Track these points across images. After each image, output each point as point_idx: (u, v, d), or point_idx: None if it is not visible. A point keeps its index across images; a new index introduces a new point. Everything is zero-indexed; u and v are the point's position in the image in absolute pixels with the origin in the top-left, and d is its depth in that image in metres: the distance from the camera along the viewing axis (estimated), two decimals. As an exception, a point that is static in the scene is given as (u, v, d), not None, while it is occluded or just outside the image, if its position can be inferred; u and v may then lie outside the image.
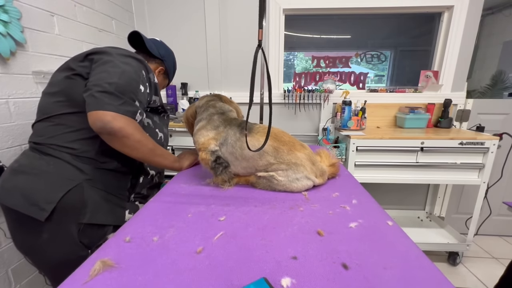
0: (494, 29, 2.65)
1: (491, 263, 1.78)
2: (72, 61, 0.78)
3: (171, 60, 1.05)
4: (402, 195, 2.11)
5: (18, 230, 0.76)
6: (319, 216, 0.60)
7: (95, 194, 0.77)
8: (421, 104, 1.88)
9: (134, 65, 0.78)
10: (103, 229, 0.79)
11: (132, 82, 0.75)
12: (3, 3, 0.95)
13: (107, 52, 0.77)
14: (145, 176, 0.94)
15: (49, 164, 0.74)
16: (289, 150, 0.74)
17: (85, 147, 0.77)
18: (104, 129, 0.68)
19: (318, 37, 2.06)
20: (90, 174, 0.77)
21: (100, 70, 0.72)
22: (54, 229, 0.72)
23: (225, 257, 0.45)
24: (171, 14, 1.89)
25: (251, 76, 0.58)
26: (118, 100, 0.70)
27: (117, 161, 0.82)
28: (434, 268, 0.42)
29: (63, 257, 0.74)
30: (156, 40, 1.03)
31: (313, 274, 0.41)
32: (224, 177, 0.79)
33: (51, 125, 0.77)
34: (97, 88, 0.68)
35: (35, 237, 0.73)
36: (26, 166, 0.75)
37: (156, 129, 0.93)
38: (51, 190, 0.72)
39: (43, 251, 0.75)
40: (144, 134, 0.77)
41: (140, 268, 0.42)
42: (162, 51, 1.01)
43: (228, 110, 0.89)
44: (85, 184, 0.76)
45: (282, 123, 2.01)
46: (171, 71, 1.07)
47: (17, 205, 0.71)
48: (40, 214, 0.69)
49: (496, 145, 1.48)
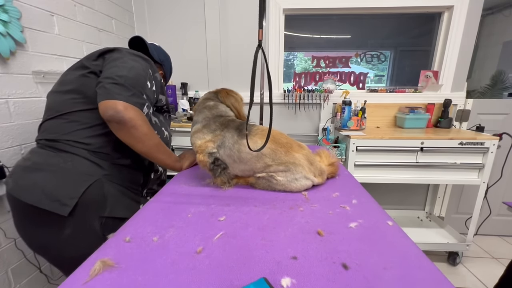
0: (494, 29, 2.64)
1: (491, 263, 1.78)
2: (86, 59, 0.82)
3: (168, 65, 1.10)
4: (402, 195, 2.11)
5: (35, 227, 0.75)
6: (319, 216, 0.60)
7: (113, 188, 0.80)
8: (421, 104, 1.88)
9: (142, 63, 0.82)
10: (122, 222, 0.78)
11: (140, 78, 0.78)
12: (3, 3, 0.94)
13: (118, 49, 0.82)
14: (155, 172, 0.98)
15: (67, 161, 0.75)
16: (287, 151, 0.74)
17: (101, 143, 0.79)
18: (115, 117, 0.70)
19: (318, 37, 2.06)
20: (108, 169, 0.79)
21: (111, 66, 0.76)
22: (77, 223, 0.73)
23: (225, 257, 0.45)
24: (171, 14, 1.89)
25: (251, 76, 0.58)
26: (128, 91, 0.73)
27: (130, 158, 0.85)
28: (434, 268, 0.42)
29: (85, 252, 0.73)
30: (155, 45, 1.06)
31: (313, 274, 0.41)
32: (223, 179, 0.79)
33: (65, 122, 0.78)
34: (108, 81, 0.72)
35: (56, 233, 0.73)
36: (42, 164, 0.75)
37: (162, 127, 0.95)
38: (72, 185, 0.73)
39: (63, 247, 0.75)
40: (151, 129, 0.80)
41: (140, 268, 0.42)
42: (162, 56, 1.05)
43: (225, 113, 0.86)
44: (104, 179, 0.78)
45: (282, 123, 2.01)
46: (168, 76, 1.12)
47: (38, 201, 0.71)
48: (62, 209, 0.70)
49: (496, 145, 1.48)
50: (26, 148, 1.10)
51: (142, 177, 0.92)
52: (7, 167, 1.01)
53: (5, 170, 1.00)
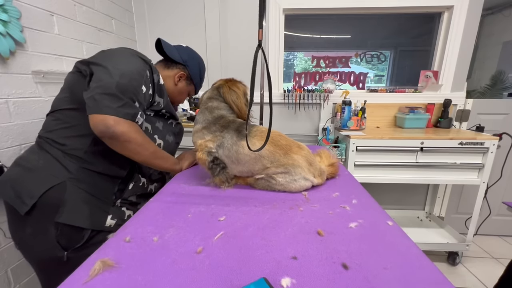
0: (494, 29, 2.65)
1: (491, 263, 1.78)
2: (79, 62, 0.80)
3: (195, 65, 1.02)
4: (402, 195, 2.11)
5: (10, 222, 0.78)
6: (319, 216, 0.60)
7: (76, 194, 0.75)
8: (421, 104, 1.88)
9: (138, 65, 0.78)
10: (81, 232, 0.75)
11: (133, 82, 0.74)
12: (2, 3, 0.94)
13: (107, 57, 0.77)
14: (135, 183, 0.89)
15: (40, 159, 0.76)
16: (285, 153, 0.74)
17: (76, 145, 0.77)
18: (106, 133, 0.68)
19: (318, 37, 2.06)
20: (75, 173, 0.76)
21: (102, 70, 0.72)
22: (34, 224, 0.73)
23: (225, 257, 0.45)
24: (171, 14, 1.89)
25: (251, 76, 0.58)
26: (118, 102, 0.70)
27: (105, 164, 0.80)
28: (434, 268, 0.42)
29: (44, 255, 0.74)
30: (181, 46, 1.02)
31: (313, 274, 0.41)
32: (222, 178, 0.79)
33: (52, 120, 0.80)
34: (98, 90, 0.68)
35: (21, 230, 0.75)
36: (23, 159, 0.78)
37: (155, 135, 0.89)
38: (36, 185, 0.73)
39: (28, 246, 0.77)
40: (145, 138, 0.78)
41: (140, 268, 0.42)
42: (185, 56, 0.99)
43: (226, 113, 0.84)
44: (68, 183, 0.75)
45: (282, 123, 2.01)
46: (196, 76, 1.04)
47: (6, 196, 0.74)
48: (21, 207, 0.71)
49: (496, 145, 1.48)
50: (25, 148, 1.09)
51: (117, 185, 0.84)
52: (7, 167, 1.01)
53: (5, 170, 1.00)
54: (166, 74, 0.96)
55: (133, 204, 0.91)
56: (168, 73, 0.97)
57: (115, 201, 0.85)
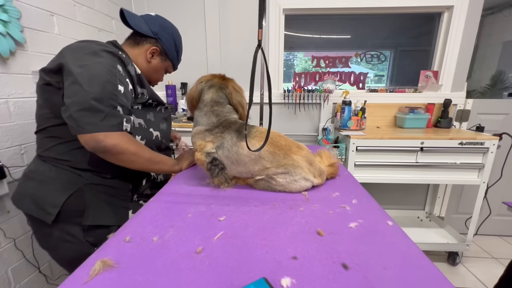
0: (494, 29, 2.65)
1: (491, 263, 1.78)
2: (42, 72, 0.74)
3: (168, 37, 0.90)
4: (402, 195, 2.11)
5: (36, 231, 0.83)
6: (319, 216, 0.60)
7: (96, 197, 0.80)
8: (421, 104, 1.88)
9: (106, 63, 0.70)
10: (108, 229, 0.81)
11: (107, 86, 0.68)
12: (2, 3, 0.94)
13: (70, 60, 0.69)
14: (147, 178, 0.94)
15: (51, 170, 0.78)
16: (285, 154, 0.74)
17: (79, 158, 0.78)
18: (98, 148, 0.68)
19: (318, 37, 2.06)
20: (90, 179, 0.79)
21: (71, 83, 0.66)
22: (61, 230, 0.77)
23: (225, 257, 0.45)
24: (171, 14, 1.89)
25: (251, 76, 0.58)
26: (99, 115, 0.66)
27: (112, 170, 0.81)
28: (434, 268, 0.42)
29: (74, 255, 0.78)
30: (149, 15, 0.90)
31: (313, 274, 0.40)
32: (220, 179, 0.79)
33: (44, 137, 0.79)
34: (74, 108, 0.65)
35: (48, 237, 0.79)
36: (34, 172, 0.80)
37: (150, 128, 0.87)
38: (55, 195, 0.75)
39: (57, 250, 0.81)
40: (139, 146, 0.76)
41: (140, 268, 0.42)
42: (155, 28, 0.87)
43: (229, 115, 0.82)
44: (85, 188, 0.78)
45: (282, 123, 2.01)
46: (171, 50, 0.92)
47: (29, 209, 0.77)
48: (47, 217, 0.74)
49: (496, 145, 1.48)
50: (26, 148, 1.10)
51: (130, 184, 0.87)
52: (7, 167, 1.01)
53: (5, 170, 1.00)
54: (137, 53, 0.87)
55: (148, 196, 0.93)
56: (139, 51, 0.87)
57: (132, 197, 0.89)
